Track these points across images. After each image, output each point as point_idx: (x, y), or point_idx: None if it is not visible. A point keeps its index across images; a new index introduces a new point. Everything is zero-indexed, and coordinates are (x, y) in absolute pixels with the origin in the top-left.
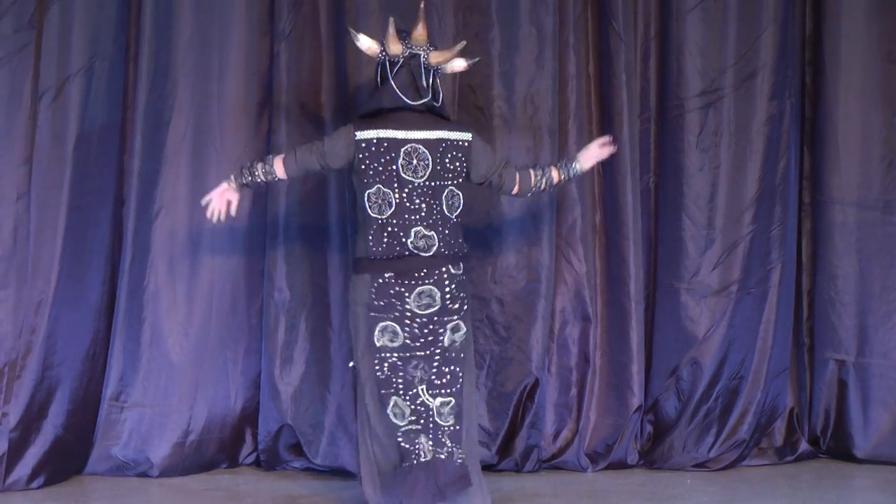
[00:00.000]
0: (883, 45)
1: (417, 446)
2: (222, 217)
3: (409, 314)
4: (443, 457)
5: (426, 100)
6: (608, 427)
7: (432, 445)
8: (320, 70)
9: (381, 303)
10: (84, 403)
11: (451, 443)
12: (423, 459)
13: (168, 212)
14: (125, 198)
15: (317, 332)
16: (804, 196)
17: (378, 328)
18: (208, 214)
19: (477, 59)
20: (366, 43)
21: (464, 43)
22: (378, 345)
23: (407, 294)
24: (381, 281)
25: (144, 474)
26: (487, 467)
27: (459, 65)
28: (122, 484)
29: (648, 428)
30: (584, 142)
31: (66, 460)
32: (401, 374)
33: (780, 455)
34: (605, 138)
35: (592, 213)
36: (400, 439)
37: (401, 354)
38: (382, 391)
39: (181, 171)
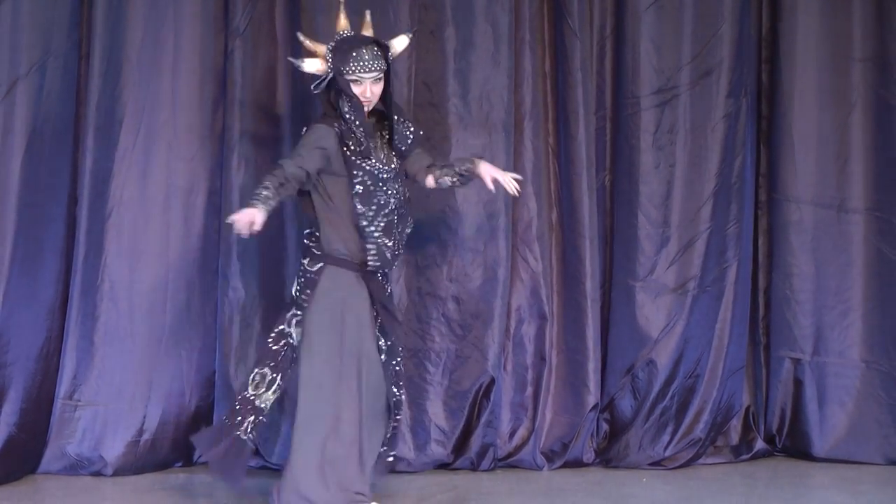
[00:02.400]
0: (839, 44)
1: None
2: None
3: None
4: None
5: None
6: (564, 426)
7: None
8: (276, 67)
9: None
10: (38, 402)
11: None
12: None
13: (121, 210)
14: (79, 195)
15: (272, 331)
16: (760, 194)
17: None
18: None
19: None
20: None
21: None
22: None
23: None
24: None
25: (98, 473)
26: (443, 466)
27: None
28: (76, 483)
29: (604, 426)
30: (539, 140)
31: (20, 459)
32: None
33: (736, 453)
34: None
35: (549, 211)
36: None
37: None
38: None
39: (134, 168)
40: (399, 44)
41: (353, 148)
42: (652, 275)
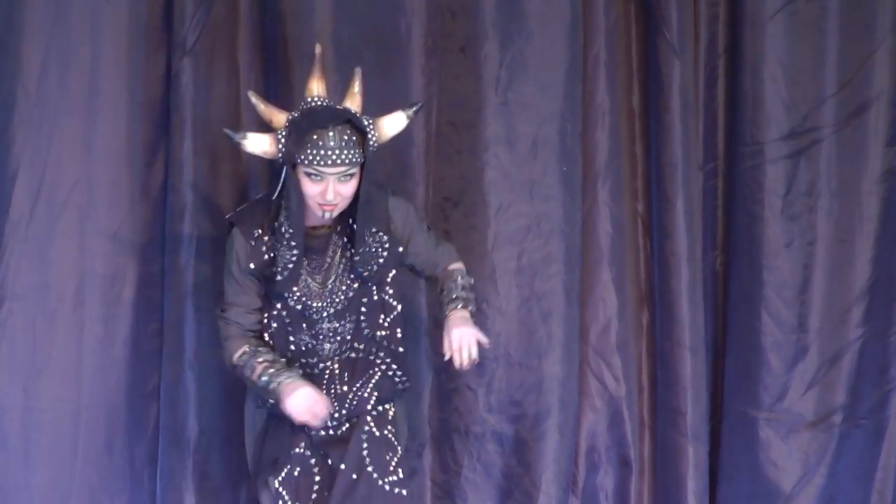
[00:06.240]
0: None
1: None
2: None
3: None
4: None
5: None
6: None
7: None
8: (237, 95)
9: None
10: None
11: None
12: None
13: (13, 305)
14: None
15: (237, 481)
16: None
17: None
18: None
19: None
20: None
21: None
22: None
23: None
24: None
25: None
26: None
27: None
28: None
29: None
30: (621, 205)
31: None
32: None
33: None
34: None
35: (637, 309)
36: None
37: None
38: None
39: (32, 246)
40: (391, 125)
41: (274, 271)
42: (782, 402)
